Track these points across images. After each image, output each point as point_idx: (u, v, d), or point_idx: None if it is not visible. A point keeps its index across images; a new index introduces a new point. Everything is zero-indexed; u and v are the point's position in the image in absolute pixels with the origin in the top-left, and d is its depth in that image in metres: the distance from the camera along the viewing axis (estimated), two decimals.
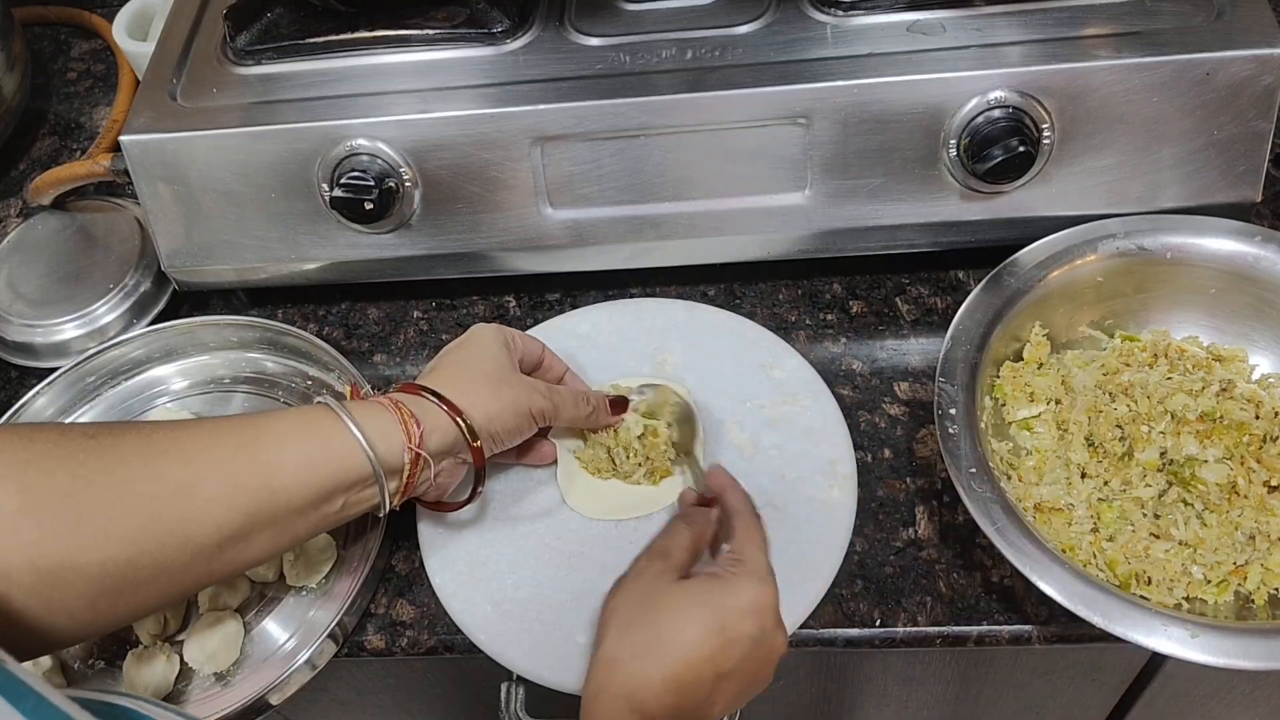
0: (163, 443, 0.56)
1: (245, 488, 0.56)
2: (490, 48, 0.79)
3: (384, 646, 0.71)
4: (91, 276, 0.86)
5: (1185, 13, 0.73)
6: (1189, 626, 0.58)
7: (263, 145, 0.76)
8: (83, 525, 0.51)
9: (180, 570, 0.55)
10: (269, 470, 0.57)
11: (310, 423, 0.59)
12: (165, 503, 0.54)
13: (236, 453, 0.57)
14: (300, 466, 0.58)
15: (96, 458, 0.53)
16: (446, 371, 0.66)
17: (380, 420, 0.60)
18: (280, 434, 0.58)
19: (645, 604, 0.58)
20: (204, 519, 0.55)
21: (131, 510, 0.53)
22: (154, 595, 0.55)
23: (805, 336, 0.81)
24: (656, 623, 0.57)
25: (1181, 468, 0.68)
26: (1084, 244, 0.73)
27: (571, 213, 0.78)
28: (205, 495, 0.55)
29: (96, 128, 1.04)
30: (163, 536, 0.53)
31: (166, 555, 0.54)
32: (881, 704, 0.87)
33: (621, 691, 0.55)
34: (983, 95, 0.71)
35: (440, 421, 0.62)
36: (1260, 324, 0.73)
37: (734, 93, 0.72)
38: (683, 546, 0.62)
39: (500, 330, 0.69)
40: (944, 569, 0.70)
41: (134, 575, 0.53)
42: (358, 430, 0.59)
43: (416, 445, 0.60)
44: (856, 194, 0.75)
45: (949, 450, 0.65)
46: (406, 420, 0.61)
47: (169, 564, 0.54)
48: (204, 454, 0.56)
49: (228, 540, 0.56)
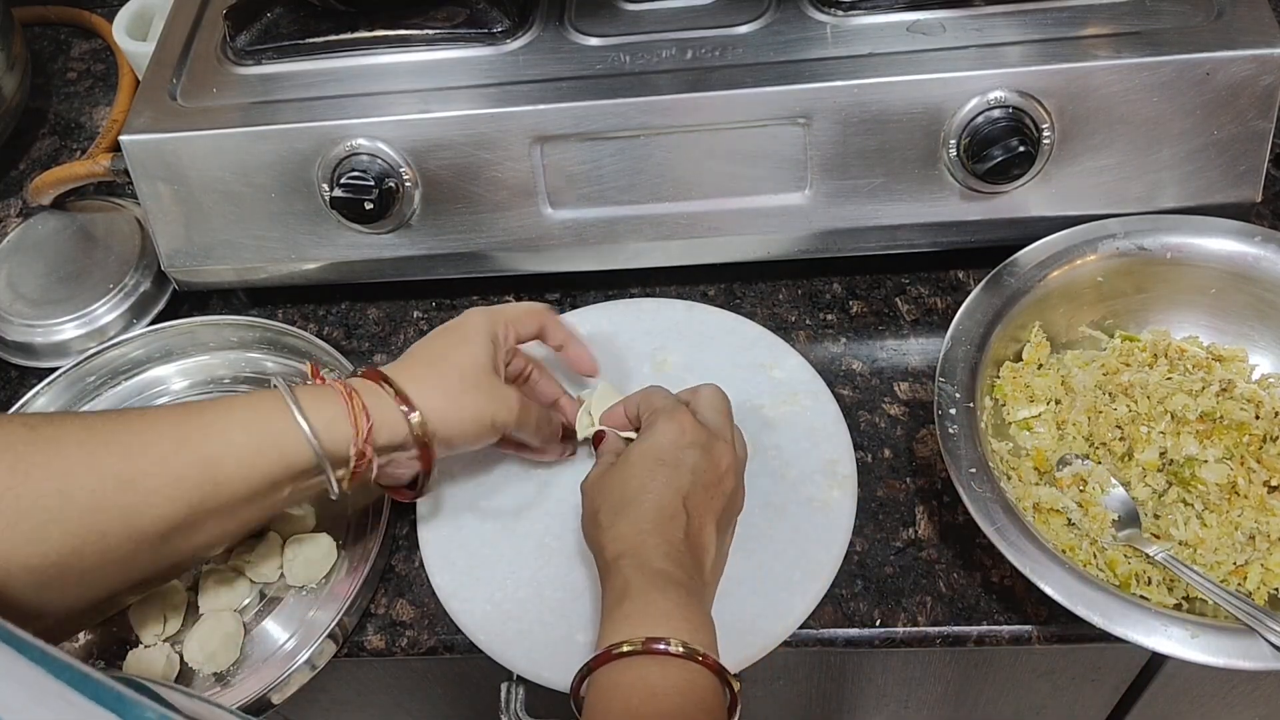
0: (104, 434, 0.55)
1: (188, 479, 0.56)
2: (490, 48, 0.79)
3: (384, 646, 0.71)
4: (91, 276, 0.86)
5: (1185, 13, 0.73)
6: (1189, 626, 0.58)
7: (263, 145, 0.76)
8: (20, 521, 0.51)
9: (127, 559, 0.55)
10: (212, 463, 0.56)
11: (256, 411, 0.58)
12: (106, 495, 0.53)
13: (180, 446, 0.56)
14: (244, 457, 0.57)
15: (35, 450, 0.52)
16: (417, 363, 0.65)
17: (329, 409, 0.59)
18: (225, 425, 0.57)
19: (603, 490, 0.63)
20: (146, 511, 0.54)
21: (71, 503, 0.52)
22: (101, 582, 0.55)
23: (805, 336, 0.81)
24: (612, 489, 0.63)
25: (1181, 468, 0.68)
26: (1084, 244, 0.73)
27: (571, 213, 0.78)
28: (147, 487, 0.54)
29: (96, 128, 1.04)
30: (104, 527, 0.53)
31: (110, 545, 0.54)
32: (881, 704, 0.87)
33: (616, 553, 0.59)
34: (983, 95, 0.71)
35: (392, 417, 0.61)
36: (1260, 324, 0.73)
37: (734, 93, 0.72)
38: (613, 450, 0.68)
39: (491, 320, 0.67)
40: (944, 569, 0.70)
41: (79, 564, 0.53)
42: (304, 421, 0.58)
43: (364, 440, 0.60)
44: (856, 194, 0.75)
45: (949, 450, 0.65)
46: (356, 413, 0.60)
47: (113, 553, 0.54)
48: (148, 447, 0.55)
49: (173, 530, 0.56)
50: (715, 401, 0.67)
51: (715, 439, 0.64)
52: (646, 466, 0.62)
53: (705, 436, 0.64)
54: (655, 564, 0.58)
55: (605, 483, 0.63)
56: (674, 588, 0.57)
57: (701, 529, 0.61)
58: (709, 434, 0.64)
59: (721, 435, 0.64)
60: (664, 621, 0.55)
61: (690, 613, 0.56)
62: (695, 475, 0.62)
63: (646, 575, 0.57)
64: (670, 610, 0.56)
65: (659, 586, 0.57)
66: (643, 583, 0.57)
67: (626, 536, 0.60)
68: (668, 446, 0.63)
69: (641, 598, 0.56)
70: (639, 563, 0.58)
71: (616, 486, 0.62)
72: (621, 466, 0.63)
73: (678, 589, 0.57)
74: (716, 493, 0.62)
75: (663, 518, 0.60)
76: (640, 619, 0.55)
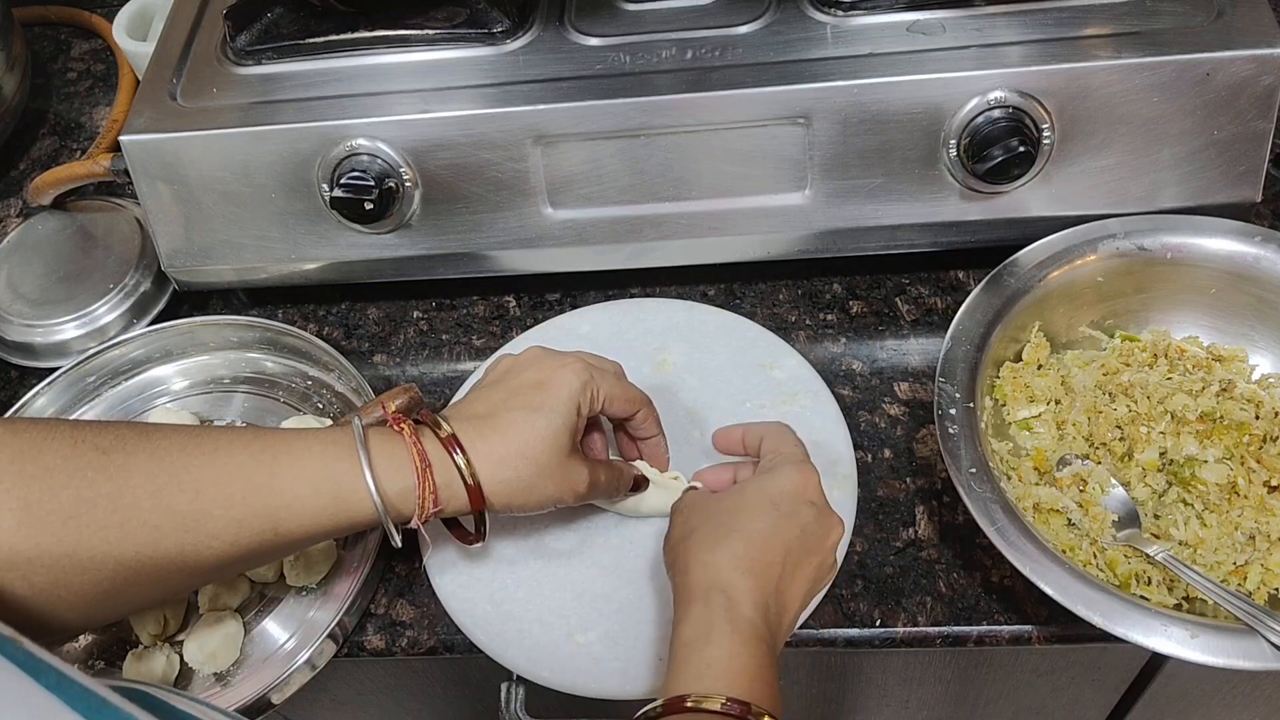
0: (174, 466, 0.54)
1: (249, 526, 0.55)
2: (490, 48, 0.79)
3: (384, 646, 0.71)
4: (91, 276, 0.86)
5: (1185, 13, 0.73)
6: (1189, 626, 0.58)
7: (263, 145, 0.76)
8: (80, 549, 0.51)
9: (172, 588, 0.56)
10: (277, 514, 0.56)
11: (329, 468, 0.57)
12: (168, 533, 0.53)
13: (248, 493, 0.55)
14: (310, 512, 0.56)
15: (105, 479, 0.52)
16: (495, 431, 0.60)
17: (401, 479, 0.58)
18: (295, 477, 0.56)
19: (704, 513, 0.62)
20: (204, 551, 0.55)
21: (132, 538, 0.52)
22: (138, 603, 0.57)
23: (805, 336, 0.81)
24: (717, 515, 0.61)
25: (1181, 468, 0.68)
26: (1084, 244, 0.73)
27: (571, 213, 0.78)
28: (209, 530, 0.54)
29: (96, 128, 1.04)
30: (160, 561, 0.53)
31: (161, 575, 0.54)
32: (881, 704, 0.87)
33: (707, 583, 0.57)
34: (983, 95, 0.71)
35: (459, 497, 0.59)
36: (1260, 324, 0.73)
37: (734, 93, 0.72)
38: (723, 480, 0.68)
39: (585, 384, 0.62)
40: (944, 569, 0.70)
41: (124, 591, 0.53)
42: (376, 491, 0.57)
43: (430, 514, 0.59)
44: (856, 194, 0.75)
45: (949, 450, 0.65)
46: (425, 494, 0.58)
47: (162, 585, 0.55)
48: (214, 487, 0.55)
49: (225, 566, 0.56)
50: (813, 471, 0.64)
51: (828, 510, 0.62)
52: (760, 506, 0.60)
53: (824, 502, 0.62)
54: (745, 611, 0.55)
55: (711, 507, 0.61)
56: (759, 644, 0.55)
57: (789, 587, 0.58)
58: (825, 503, 0.62)
59: (831, 508, 0.62)
60: (749, 685, 0.53)
61: (771, 675, 0.54)
62: (804, 533, 0.59)
63: (735, 622, 0.55)
64: (755, 672, 0.54)
65: (746, 640, 0.55)
66: (730, 630, 0.55)
67: (722, 568, 0.57)
68: (788, 494, 0.61)
69: (728, 646, 0.54)
70: (730, 602, 0.56)
71: (723, 514, 0.60)
72: (734, 496, 0.61)
73: (761, 646, 0.55)
74: (816, 560, 0.60)
75: (762, 563, 0.57)
76: (723, 672, 0.53)
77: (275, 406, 0.82)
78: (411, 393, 0.72)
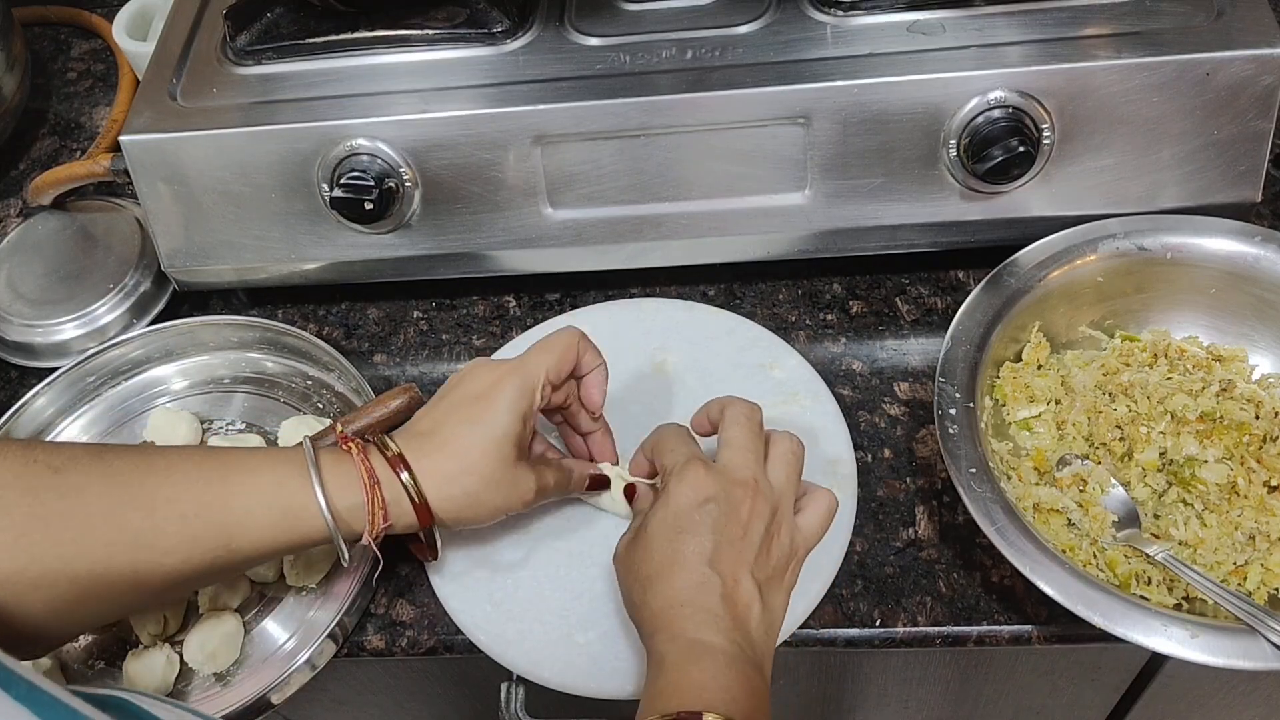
0: (128, 485, 0.55)
1: (203, 543, 0.56)
2: (490, 48, 0.79)
3: (384, 646, 0.71)
4: (91, 276, 0.86)
5: (1185, 13, 0.72)
6: (1189, 626, 0.58)
7: (263, 145, 0.76)
8: (31, 566, 0.51)
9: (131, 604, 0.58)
10: (230, 531, 0.57)
11: (281, 485, 0.58)
12: (122, 550, 0.54)
13: (201, 509, 0.56)
14: (263, 529, 0.57)
15: (57, 497, 0.52)
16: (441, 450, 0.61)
17: (351, 496, 0.59)
18: (248, 495, 0.57)
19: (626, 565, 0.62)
20: (157, 569, 0.55)
21: (85, 555, 0.53)
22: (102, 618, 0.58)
23: (805, 336, 0.81)
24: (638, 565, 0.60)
25: (1181, 468, 0.68)
26: (1084, 244, 0.73)
27: (571, 213, 0.78)
28: (162, 548, 0.55)
29: (96, 128, 1.04)
30: (113, 578, 0.54)
31: (115, 593, 0.55)
32: (881, 704, 0.87)
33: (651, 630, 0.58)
34: (983, 95, 0.71)
35: (409, 514, 0.60)
36: (1260, 324, 0.73)
37: (734, 93, 0.72)
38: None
39: (520, 390, 0.62)
40: (944, 569, 0.70)
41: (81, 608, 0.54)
42: (327, 509, 0.58)
43: (380, 530, 0.59)
44: (856, 194, 0.75)
45: (949, 450, 0.65)
46: (375, 510, 0.59)
47: (119, 600, 0.56)
48: (167, 505, 0.55)
49: (179, 584, 0.57)
50: (736, 435, 0.63)
51: (733, 486, 0.60)
52: (666, 537, 0.59)
53: (720, 487, 0.60)
54: (689, 634, 0.56)
55: (631, 558, 0.61)
56: (709, 657, 0.55)
57: (737, 587, 0.58)
58: (725, 483, 0.60)
59: (739, 478, 0.60)
60: (698, 695, 0.53)
61: (728, 680, 0.54)
62: (718, 534, 0.58)
63: (680, 647, 0.56)
64: (705, 682, 0.54)
65: (693, 658, 0.55)
66: (676, 656, 0.55)
67: (658, 612, 0.58)
68: (684, 511, 0.59)
69: (675, 671, 0.55)
70: (671, 635, 0.56)
71: (641, 562, 0.60)
72: (642, 539, 0.61)
73: (713, 658, 0.55)
74: (745, 545, 0.59)
75: (692, 587, 0.57)
76: (673, 693, 0.54)
77: (275, 406, 0.82)
78: (411, 393, 0.72)
